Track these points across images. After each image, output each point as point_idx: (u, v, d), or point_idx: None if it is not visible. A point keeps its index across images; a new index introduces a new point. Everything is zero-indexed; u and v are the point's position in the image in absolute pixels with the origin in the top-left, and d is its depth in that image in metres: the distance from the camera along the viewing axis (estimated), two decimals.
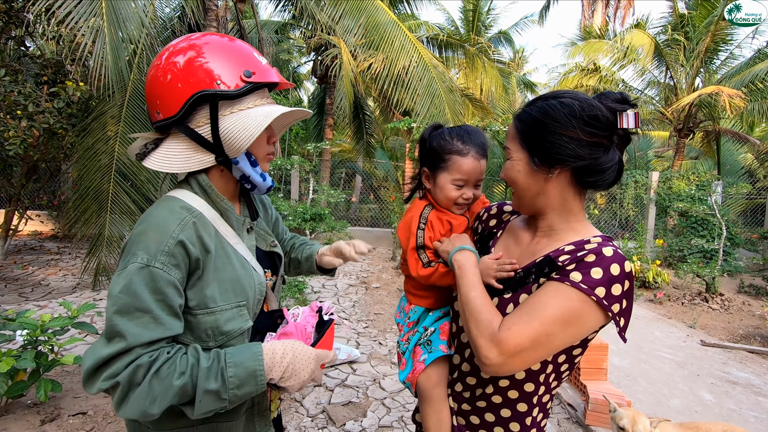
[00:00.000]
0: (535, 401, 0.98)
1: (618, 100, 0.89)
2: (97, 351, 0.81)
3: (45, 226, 8.64)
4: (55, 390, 2.51)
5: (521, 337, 0.84)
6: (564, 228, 0.97)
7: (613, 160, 0.90)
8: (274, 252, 1.15)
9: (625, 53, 10.83)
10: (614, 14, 19.72)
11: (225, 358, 0.86)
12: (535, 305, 0.87)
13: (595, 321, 0.86)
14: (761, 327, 5.22)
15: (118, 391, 0.80)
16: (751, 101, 9.76)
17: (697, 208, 6.99)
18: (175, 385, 0.81)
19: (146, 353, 0.82)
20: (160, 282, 0.83)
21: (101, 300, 4.87)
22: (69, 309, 2.65)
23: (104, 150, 5.47)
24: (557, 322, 0.84)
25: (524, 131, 0.96)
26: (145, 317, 0.82)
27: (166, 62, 0.91)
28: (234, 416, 0.98)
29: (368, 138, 11.79)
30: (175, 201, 0.94)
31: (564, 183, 0.94)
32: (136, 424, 0.97)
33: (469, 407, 1.05)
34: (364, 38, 7.42)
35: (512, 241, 1.07)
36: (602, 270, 0.86)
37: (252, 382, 0.86)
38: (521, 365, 0.86)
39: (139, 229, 0.87)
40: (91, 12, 4.72)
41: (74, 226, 5.54)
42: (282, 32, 11.80)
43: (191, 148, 0.94)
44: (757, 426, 2.96)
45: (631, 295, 0.88)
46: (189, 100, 0.89)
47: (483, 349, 0.87)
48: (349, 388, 3.14)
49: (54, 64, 5.42)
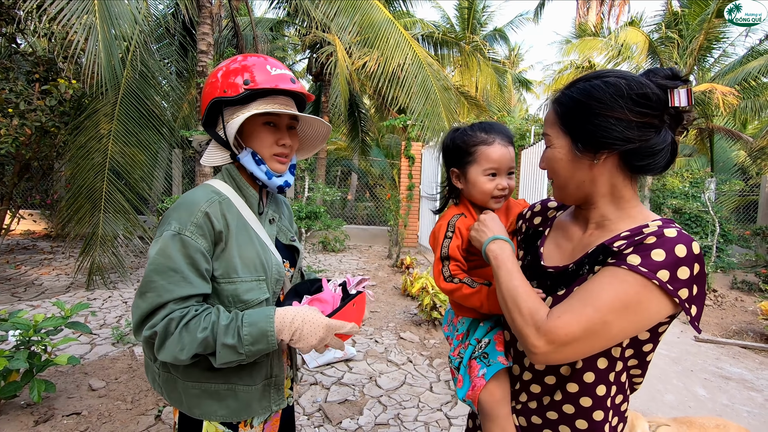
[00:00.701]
0: (609, 404, 0.89)
1: (668, 77, 0.82)
2: (138, 307, 0.98)
3: (38, 225, 8.57)
4: (48, 390, 2.49)
5: (572, 326, 0.77)
6: (619, 216, 0.89)
7: (666, 141, 0.82)
8: (293, 246, 1.26)
9: (619, 51, 10.87)
10: (609, 12, 19.77)
11: (242, 319, 0.99)
12: (588, 291, 0.80)
13: (659, 308, 0.78)
14: (754, 322, 5.28)
15: (157, 339, 0.96)
16: (744, 99, 9.84)
17: (690, 205, 7.03)
18: (198, 337, 0.95)
19: (178, 309, 0.97)
20: (189, 248, 0.99)
21: (95, 299, 4.84)
22: (62, 309, 2.63)
23: (97, 148, 5.42)
24: (613, 310, 0.76)
25: (565, 115, 0.88)
26: (176, 276, 0.97)
27: (211, 77, 1.12)
28: (251, 382, 1.09)
29: (364, 136, 11.77)
30: (208, 186, 1.11)
31: (612, 168, 0.87)
32: (171, 379, 1.10)
33: (540, 420, 0.94)
34: (359, 36, 7.39)
35: (562, 237, 1.00)
36: (665, 252, 0.77)
37: (264, 340, 0.98)
38: (573, 355, 0.80)
39: (175, 205, 1.04)
40: (84, 9, 4.67)
41: (67, 225, 5.50)
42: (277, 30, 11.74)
43: (217, 146, 1.14)
44: (749, 420, 3.00)
45: (702, 280, 0.79)
46: (207, 108, 1.10)
47: (530, 338, 0.81)
48: (346, 386, 3.14)
49: (46, 61, 5.36)
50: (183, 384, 1.07)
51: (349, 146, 12.82)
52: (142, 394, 2.84)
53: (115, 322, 4.15)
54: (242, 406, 1.09)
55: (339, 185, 12.69)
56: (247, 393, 1.09)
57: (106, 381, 2.98)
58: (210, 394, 1.07)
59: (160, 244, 0.99)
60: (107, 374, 3.08)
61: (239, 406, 1.08)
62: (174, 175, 9.07)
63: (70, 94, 5.08)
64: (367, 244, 9.50)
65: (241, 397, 1.08)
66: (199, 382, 1.06)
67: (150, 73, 6.19)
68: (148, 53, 6.15)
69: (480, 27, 14.65)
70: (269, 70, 1.09)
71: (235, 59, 1.12)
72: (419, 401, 2.97)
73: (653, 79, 0.82)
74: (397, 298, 5.50)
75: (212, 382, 1.07)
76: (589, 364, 0.87)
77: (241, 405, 1.09)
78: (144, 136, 5.84)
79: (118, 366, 3.22)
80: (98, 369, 3.15)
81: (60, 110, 5.14)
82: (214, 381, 1.06)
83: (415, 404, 2.94)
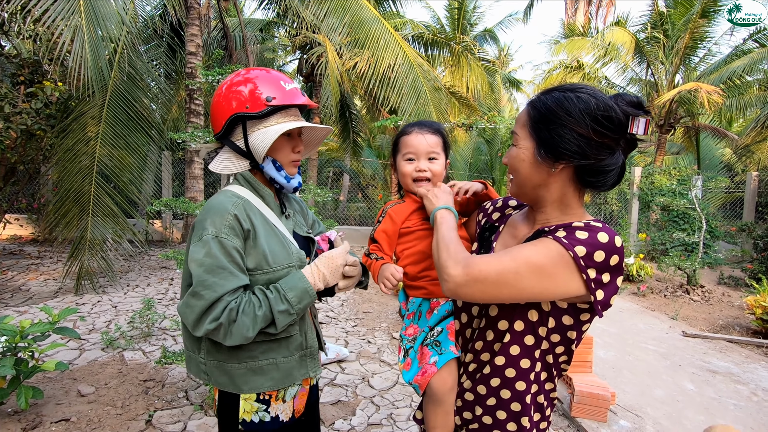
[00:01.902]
0: (532, 378, 0.98)
1: (633, 104, 0.88)
2: (193, 305, 1.10)
3: (24, 229, 8.44)
4: (36, 397, 2.46)
5: (490, 266, 0.87)
6: (561, 219, 0.97)
7: (616, 163, 0.89)
8: (309, 237, 1.39)
9: (606, 51, 10.99)
10: (596, 12, 20.00)
11: (282, 287, 1.17)
12: (513, 248, 0.91)
13: (568, 279, 0.85)
14: (740, 317, 5.37)
15: (222, 329, 1.10)
16: (729, 97, 10.00)
17: (678, 203, 7.13)
18: (258, 314, 1.12)
19: (232, 299, 1.11)
20: (228, 248, 1.12)
21: (84, 304, 4.78)
22: (50, 314, 2.60)
23: (85, 151, 5.36)
24: (528, 265, 0.85)
25: (536, 120, 0.94)
26: (224, 272, 1.11)
27: (225, 91, 1.21)
28: (288, 354, 1.25)
29: (355, 136, 11.76)
30: (228, 191, 1.23)
31: (566, 179, 0.94)
32: (218, 365, 1.22)
33: (472, 396, 1.05)
34: (349, 37, 7.39)
35: (511, 234, 1.08)
36: (588, 234, 0.86)
37: (306, 295, 1.18)
38: (481, 294, 0.89)
39: (204, 211, 1.17)
40: (69, 10, 4.62)
41: (55, 229, 5.43)
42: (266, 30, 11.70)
43: (234, 156, 1.26)
44: (736, 413, 3.05)
45: (615, 271, 0.86)
46: (227, 122, 1.20)
47: (449, 267, 0.91)
48: (338, 387, 3.14)
49: (31, 63, 5.29)
50: (230, 366, 1.21)
51: (341, 147, 12.79)
52: (132, 399, 2.81)
53: (105, 326, 4.11)
54: (284, 375, 1.24)
55: (331, 186, 12.66)
56: (287, 363, 1.25)
57: (96, 386, 2.94)
58: (255, 371, 1.21)
59: (204, 247, 1.12)
60: (96, 379, 3.04)
61: (282, 376, 1.24)
62: (163, 178, 8.98)
63: (56, 97, 5.02)
64: (359, 245, 9.49)
65: (282, 367, 1.24)
66: (245, 362, 1.21)
67: (138, 75, 6.13)
68: (135, 55, 6.09)
69: (470, 27, 14.71)
70: (284, 86, 1.22)
71: (238, 74, 1.24)
72: (412, 401, 2.98)
73: (619, 104, 0.88)
74: (389, 299, 5.51)
75: (256, 361, 1.21)
76: (516, 338, 0.97)
77: (283, 374, 1.24)
78: (133, 139, 5.78)
79: (108, 371, 3.18)
80: (87, 374, 3.11)
81: (46, 113, 5.07)
82: (257, 360, 1.21)
83: (408, 404, 2.95)
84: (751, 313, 4.78)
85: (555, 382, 1.03)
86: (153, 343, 3.74)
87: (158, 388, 2.98)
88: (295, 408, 1.31)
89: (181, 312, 1.13)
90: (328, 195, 6.51)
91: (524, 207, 1.12)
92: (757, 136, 9.01)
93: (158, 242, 8.76)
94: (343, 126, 11.51)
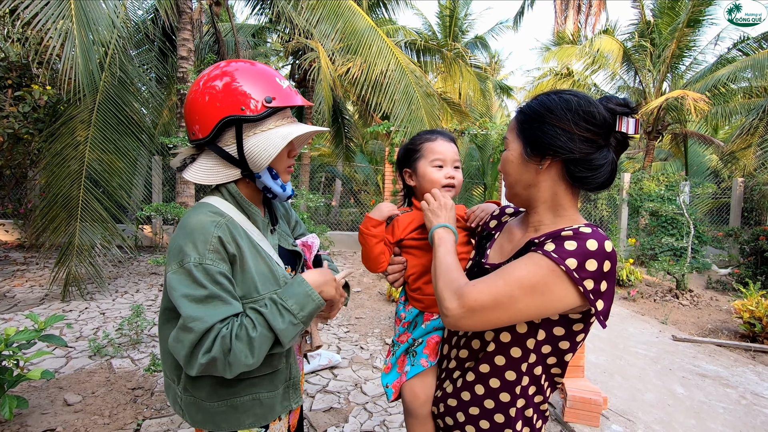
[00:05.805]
0: (518, 391, 0.97)
1: (619, 104, 0.91)
2: (183, 339, 0.96)
3: (10, 235, 8.29)
4: (21, 407, 2.39)
5: (483, 294, 0.86)
6: (554, 221, 0.97)
7: (606, 159, 0.90)
8: (295, 251, 1.29)
9: (594, 59, 11.17)
10: (585, 21, 20.31)
11: (280, 296, 1.04)
12: (505, 269, 0.90)
13: (565, 294, 0.85)
14: (728, 321, 5.44)
15: (218, 362, 0.96)
16: (715, 105, 10.21)
17: (666, 208, 7.24)
18: (252, 336, 0.98)
19: (223, 327, 0.98)
20: (214, 274, 0.99)
21: (71, 311, 4.70)
22: (36, 321, 2.54)
23: (74, 156, 5.28)
24: (522, 287, 0.85)
25: (522, 122, 0.97)
26: (215, 301, 0.98)
27: (203, 87, 1.03)
28: (273, 388, 1.14)
29: (347, 142, 11.77)
30: (209, 206, 1.08)
31: (555, 176, 0.95)
32: (194, 402, 1.10)
33: (455, 402, 1.05)
34: (341, 43, 7.42)
35: (506, 239, 1.09)
36: (577, 243, 0.85)
37: (309, 301, 1.05)
38: (481, 323, 0.88)
39: (182, 233, 1.02)
40: (60, 14, 4.57)
41: (42, 234, 5.33)
42: (259, 36, 11.69)
43: (221, 164, 1.08)
44: (725, 417, 3.08)
45: (611, 277, 0.86)
46: (218, 124, 1.02)
47: (446, 300, 0.91)
48: (331, 393, 3.12)
49: (19, 67, 5.22)
50: (208, 405, 1.09)
51: (333, 152, 12.79)
52: (120, 407, 2.76)
53: (92, 333, 4.03)
54: (267, 411, 1.14)
55: (323, 191, 12.63)
56: (271, 398, 1.14)
57: (83, 395, 2.89)
58: (236, 408, 1.10)
59: (187, 276, 0.98)
60: (83, 388, 2.98)
61: (264, 412, 1.14)
62: (154, 183, 8.89)
63: (45, 101, 4.96)
64: (351, 250, 9.47)
65: (266, 402, 1.14)
66: (225, 399, 1.09)
67: (129, 79, 6.08)
68: (127, 59, 6.04)
69: (461, 34, 14.87)
70: (280, 84, 1.07)
71: (219, 67, 1.06)
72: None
73: (605, 104, 0.91)
74: (382, 304, 5.49)
75: (237, 397, 1.10)
76: (501, 349, 0.97)
77: (266, 410, 1.14)
78: (123, 143, 5.72)
79: (95, 379, 3.12)
80: (74, 383, 3.05)
81: (34, 117, 5.00)
82: (238, 396, 1.10)
83: (401, 410, 2.93)
84: (739, 317, 4.85)
85: (546, 394, 1.01)
86: (142, 350, 3.68)
87: (147, 396, 2.93)
88: (290, 423, 1.26)
89: (172, 348, 0.99)
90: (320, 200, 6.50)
91: (521, 213, 1.13)
92: (742, 143, 9.21)
93: (148, 248, 8.65)
94: (336, 131, 11.52)
